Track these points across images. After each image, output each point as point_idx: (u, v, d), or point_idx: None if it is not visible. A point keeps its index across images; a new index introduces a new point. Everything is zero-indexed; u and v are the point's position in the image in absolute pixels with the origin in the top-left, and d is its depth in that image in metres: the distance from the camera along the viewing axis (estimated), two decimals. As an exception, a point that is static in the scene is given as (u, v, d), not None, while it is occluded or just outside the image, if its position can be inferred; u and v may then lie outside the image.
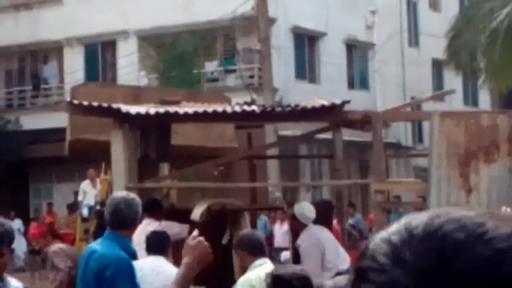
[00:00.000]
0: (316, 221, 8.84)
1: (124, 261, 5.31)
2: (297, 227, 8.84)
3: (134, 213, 5.42)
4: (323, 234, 8.81)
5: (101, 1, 27.08)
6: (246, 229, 9.93)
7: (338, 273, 8.61)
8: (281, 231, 18.64)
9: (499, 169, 7.88)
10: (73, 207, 22.96)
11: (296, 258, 9.02)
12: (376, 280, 0.94)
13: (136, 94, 11.22)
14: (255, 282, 5.43)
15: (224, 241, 9.56)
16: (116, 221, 5.39)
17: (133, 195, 5.63)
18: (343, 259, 8.81)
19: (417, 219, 0.98)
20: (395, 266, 0.95)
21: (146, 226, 8.50)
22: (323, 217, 9.03)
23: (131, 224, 5.45)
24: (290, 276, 4.03)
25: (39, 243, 20.85)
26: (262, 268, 5.40)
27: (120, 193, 5.80)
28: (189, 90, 15.14)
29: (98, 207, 14.25)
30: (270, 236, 17.64)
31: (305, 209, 8.87)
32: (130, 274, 5.34)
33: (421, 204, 12.66)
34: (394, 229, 0.98)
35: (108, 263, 5.24)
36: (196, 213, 9.06)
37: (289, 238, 18.33)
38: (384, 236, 0.98)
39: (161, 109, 8.71)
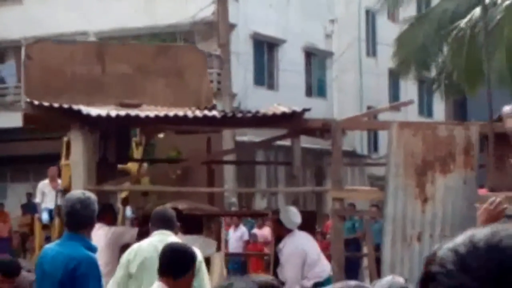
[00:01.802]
0: (300, 229, 8.91)
1: (92, 260, 5.35)
2: (281, 232, 8.86)
3: (91, 213, 5.42)
4: (306, 240, 8.87)
5: (61, 2, 26.92)
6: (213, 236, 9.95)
7: (317, 283, 8.68)
8: (235, 237, 18.68)
9: (454, 179, 8.03)
10: (27, 207, 22.73)
11: (276, 262, 9.03)
12: (444, 282, 1.16)
13: (100, 52, 10.12)
14: (142, 247, 6.35)
15: None
16: (73, 222, 5.39)
17: (88, 194, 5.59)
18: (324, 267, 8.86)
19: (480, 233, 1.19)
20: (461, 272, 1.16)
21: (97, 231, 8.49)
22: (306, 226, 9.10)
23: (88, 224, 5.46)
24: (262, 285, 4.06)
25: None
26: (155, 237, 6.26)
27: (74, 193, 5.74)
28: (160, 45, 13.64)
29: (59, 201, 12.40)
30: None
31: (291, 214, 8.90)
32: (98, 272, 5.38)
33: (376, 213, 12.83)
34: (460, 241, 1.20)
35: (78, 264, 5.25)
36: None
37: (242, 244, 18.46)
38: (451, 246, 1.20)
39: (122, 112, 8.71)
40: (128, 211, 12.68)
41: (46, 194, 15.39)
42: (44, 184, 15.73)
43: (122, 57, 9.98)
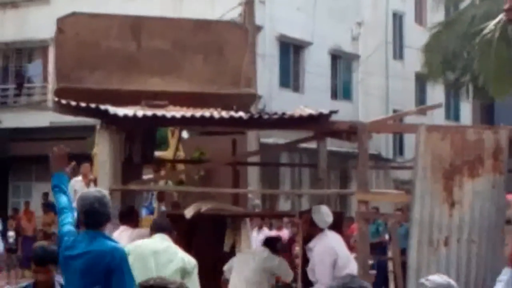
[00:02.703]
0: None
1: (123, 251, 5.53)
2: (312, 232, 8.82)
3: (108, 210, 5.57)
4: (337, 241, 8.85)
5: (88, 1, 27.01)
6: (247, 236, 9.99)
7: None
8: (258, 239, 18.62)
9: (483, 184, 7.93)
10: (48, 206, 22.77)
11: (305, 261, 8.98)
12: None
13: (136, 26, 9.58)
14: (136, 245, 6.95)
15: (226, 248, 9.54)
16: (93, 220, 5.48)
17: (103, 192, 5.72)
18: (354, 268, 8.82)
19: None
20: None
21: (121, 233, 8.61)
22: (334, 227, 9.08)
23: (106, 221, 5.63)
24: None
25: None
26: (151, 239, 6.97)
27: (90, 192, 5.79)
28: (198, 20, 12.86)
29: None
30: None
31: (324, 213, 8.89)
32: (128, 262, 5.52)
33: (403, 217, 12.75)
34: None
35: (112, 256, 5.37)
36: (189, 211, 9.09)
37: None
38: None
39: (149, 112, 8.69)
40: (163, 208, 12.66)
41: (78, 192, 13.89)
42: (76, 181, 15.09)
43: (159, 32, 9.54)
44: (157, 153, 11.65)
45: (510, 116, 16.50)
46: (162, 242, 6.81)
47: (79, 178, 15.01)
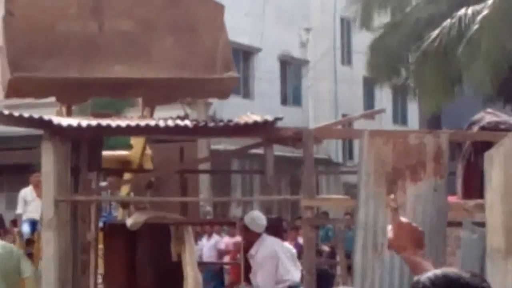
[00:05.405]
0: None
1: None
2: (250, 238, 8.91)
3: None
4: (278, 245, 8.95)
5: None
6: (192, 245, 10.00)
7: (290, 286, 8.73)
8: (208, 246, 18.65)
9: (425, 188, 8.05)
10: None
11: (247, 268, 9.07)
12: None
13: (96, 5, 8.50)
14: None
15: (174, 258, 9.54)
16: None
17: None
18: (296, 272, 8.91)
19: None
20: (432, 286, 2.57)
21: None
22: (274, 232, 9.17)
23: None
24: None
25: None
26: None
27: None
28: None
29: None
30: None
31: (255, 217, 8.98)
32: None
33: (349, 221, 12.87)
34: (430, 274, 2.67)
35: None
36: (131, 222, 9.09)
37: (215, 253, 18.39)
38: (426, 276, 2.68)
39: (93, 122, 8.67)
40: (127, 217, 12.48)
41: (28, 203, 13.92)
42: (26, 192, 14.17)
43: (123, 11, 8.56)
44: (122, 153, 11.36)
45: (456, 120, 16.71)
46: None
47: (29, 188, 14.35)
